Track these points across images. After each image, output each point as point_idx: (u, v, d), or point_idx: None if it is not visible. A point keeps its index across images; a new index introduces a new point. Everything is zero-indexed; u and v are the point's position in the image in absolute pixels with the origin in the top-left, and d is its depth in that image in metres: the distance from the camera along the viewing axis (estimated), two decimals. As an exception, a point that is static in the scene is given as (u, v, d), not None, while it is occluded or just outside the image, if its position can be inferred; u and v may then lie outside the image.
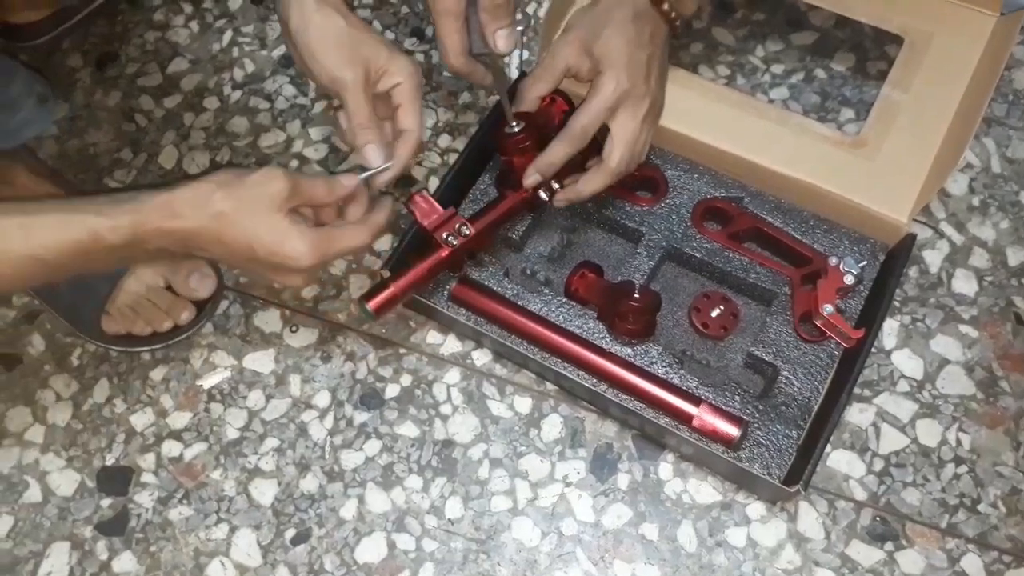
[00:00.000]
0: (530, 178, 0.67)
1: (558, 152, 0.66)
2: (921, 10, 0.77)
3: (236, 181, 0.55)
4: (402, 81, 0.61)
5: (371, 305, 0.66)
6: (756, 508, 0.69)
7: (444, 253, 0.68)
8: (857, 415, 0.72)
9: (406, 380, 0.76)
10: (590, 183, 0.67)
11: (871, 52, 0.87)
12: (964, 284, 0.77)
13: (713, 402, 0.68)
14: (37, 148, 0.88)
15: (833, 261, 0.70)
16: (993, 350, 0.74)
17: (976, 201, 0.80)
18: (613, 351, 0.70)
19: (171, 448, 0.75)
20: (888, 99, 0.74)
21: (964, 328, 0.75)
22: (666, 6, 0.65)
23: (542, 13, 0.92)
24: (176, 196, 0.54)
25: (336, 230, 0.59)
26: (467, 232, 0.68)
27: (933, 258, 0.78)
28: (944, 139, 0.72)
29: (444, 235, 0.68)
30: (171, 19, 0.96)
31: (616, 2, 0.67)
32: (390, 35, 0.93)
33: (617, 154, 0.66)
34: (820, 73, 0.87)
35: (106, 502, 0.73)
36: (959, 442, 0.71)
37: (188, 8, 0.96)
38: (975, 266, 0.78)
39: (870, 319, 0.69)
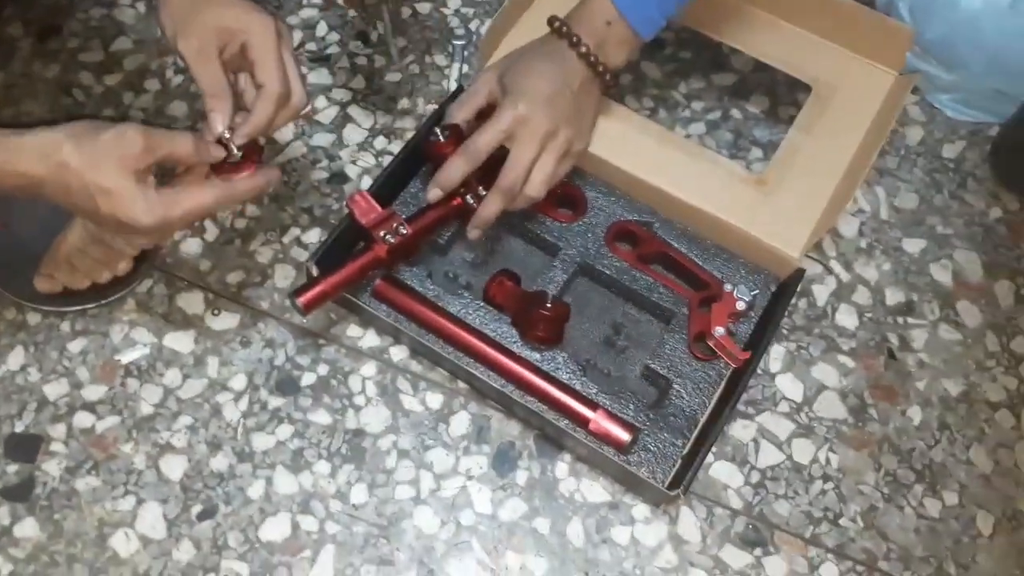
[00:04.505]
0: (431, 192, 0.72)
1: (455, 168, 0.70)
2: (831, 62, 0.84)
3: (88, 135, 0.56)
4: (252, 36, 0.61)
5: (301, 301, 0.68)
6: (641, 510, 0.74)
7: (380, 252, 0.70)
8: (740, 430, 0.78)
9: (323, 370, 0.79)
10: (487, 205, 0.72)
11: (783, 98, 0.94)
12: (846, 318, 0.84)
13: (609, 409, 0.72)
14: (-31, 112, 0.88)
15: (728, 287, 0.76)
16: (866, 380, 0.81)
17: (864, 243, 0.87)
18: (522, 355, 0.75)
19: (83, 419, 0.76)
20: (792, 142, 0.81)
21: (842, 358, 0.82)
22: (583, 48, 0.70)
23: (484, 30, 0.96)
24: (25, 141, 0.55)
25: (181, 191, 0.59)
26: (404, 232, 0.71)
27: (821, 292, 0.85)
28: (838, 184, 0.78)
29: (382, 233, 0.70)
30: (118, -3, 0.97)
31: (538, 41, 0.74)
32: (335, 36, 0.96)
33: (507, 175, 0.70)
34: (736, 113, 0.93)
35: (12, 468, 0.74)
36: (828, 461, 0.77)
37: (136, -12, 0.97)
38: (857, 303, 0.85)
39: (757, 343, 0.75)
